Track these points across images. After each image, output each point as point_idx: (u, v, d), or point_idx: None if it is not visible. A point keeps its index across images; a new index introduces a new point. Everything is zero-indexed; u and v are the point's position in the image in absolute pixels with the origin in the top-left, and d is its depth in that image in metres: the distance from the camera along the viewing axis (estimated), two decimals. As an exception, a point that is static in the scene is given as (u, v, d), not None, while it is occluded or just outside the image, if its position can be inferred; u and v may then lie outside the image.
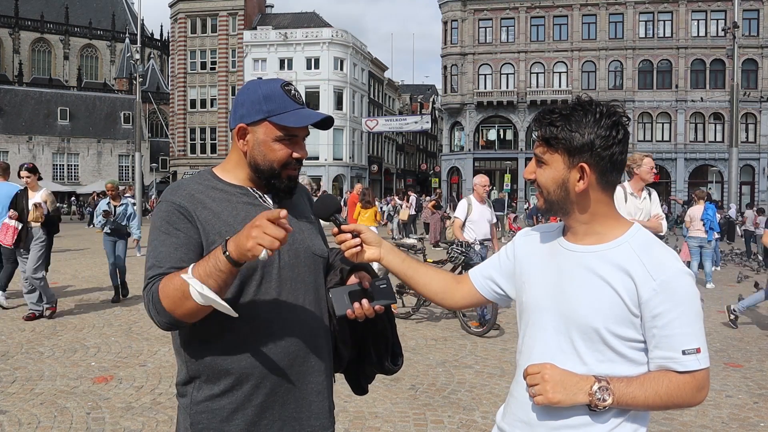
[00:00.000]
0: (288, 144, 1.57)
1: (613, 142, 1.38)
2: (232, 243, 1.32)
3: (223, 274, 1.33)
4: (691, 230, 11.05)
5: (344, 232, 1.58)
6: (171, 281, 1.39)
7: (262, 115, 1.55)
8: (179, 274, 1.37)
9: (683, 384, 1.34)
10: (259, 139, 1.56)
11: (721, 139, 41.88)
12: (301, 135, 1.60)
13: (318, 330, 1.63)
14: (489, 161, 47.12)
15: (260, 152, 1.57)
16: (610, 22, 44.29)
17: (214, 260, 1.33)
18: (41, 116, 59.17)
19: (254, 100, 1.56)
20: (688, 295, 1.34)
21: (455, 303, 1.72)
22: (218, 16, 54.06)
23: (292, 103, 1.56)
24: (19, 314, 7.75)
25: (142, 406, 4.53)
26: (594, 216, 1.44)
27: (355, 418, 4.31)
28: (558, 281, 1.45)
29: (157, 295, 1.40)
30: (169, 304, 1.38)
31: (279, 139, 1.56)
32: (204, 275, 1.33)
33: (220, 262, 1.32)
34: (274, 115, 1.54)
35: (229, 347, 1.50)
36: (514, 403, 1.53)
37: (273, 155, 1.56)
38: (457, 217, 7.58)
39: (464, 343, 6.61)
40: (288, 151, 1.57)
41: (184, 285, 1.33)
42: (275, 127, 1.55)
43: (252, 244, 1.27)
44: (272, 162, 1.57)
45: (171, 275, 1.41)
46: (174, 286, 1.37)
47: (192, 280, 1.32)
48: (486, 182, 7.79)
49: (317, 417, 1.63)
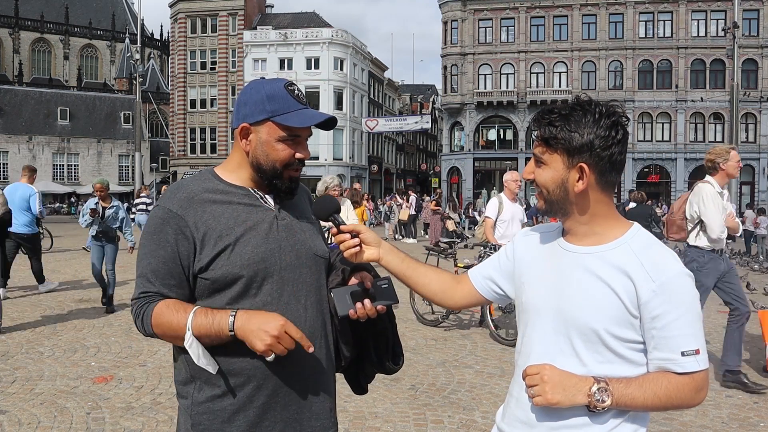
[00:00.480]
0: (291, 144, 1.57)
1: (612, 143, 1.38)
2: (240, 326, 1.42)
3: (220, 341, 1.46)
4: None
5: (343, 232, 1.58)
6: (168, 318, 1.48)
7: (265, 115, 1.54)
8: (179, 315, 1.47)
9: (682, 385, 1.34)
10: (262, 139, 1.56)
11: (721, 139, 41.83)
12: (304, 135, 1.60)
13: (320, 330, 1.63)
14: (489, 161, 47.14)
15: (263, 152, 1.57)
16: (610, 22, 44.30)
17: (218, 328, 1.44)
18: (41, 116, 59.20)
19: (257, 100, 1.55)
20: (687, 296, 1.34)
21: (455, 303, 1.72)
22: (218, 16, 54.06)
23: (296, 103, 1.55)
24: (19, 314, 7.76)
25: (142, 406, 4.53)
26: (593, 216, 1.43)
27: (355, 418, 4.31)
28: (557, 282, 1.45)
29: (149, 319, 1.50)
30: (160, 333, 1.51)
31: (282, 140, 1.55)
32: (203, 334, 1.44)
33: (223, 334, 1.44)
34: (277, 115, 1.54)
35: (231, 348, 1.50)
36: (513, 403, 1.53)
37: (276, 155, 1.56)
38: (488, 217, 6.97)
39: (464, 343, 6.61)
40: (291, 152, 1.57)
41: (179, 330, 1.45)
42: (279, 127, 1.55)
43: (263, 349, 1.40)
44: (275, 162, 1.56)
45: (169, 308, 1.49)
46: (170, 326, 1.47)
47: (192, 346, 1.44)
48: (518, 178, 7.10)
49: (318, 417, 1.63)
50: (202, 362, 1.42)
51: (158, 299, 1.50)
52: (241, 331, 1.41)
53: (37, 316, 7.71)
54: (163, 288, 1.50)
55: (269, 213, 1.59)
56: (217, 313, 1.43)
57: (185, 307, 1.47)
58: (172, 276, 1.50)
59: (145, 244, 1.53)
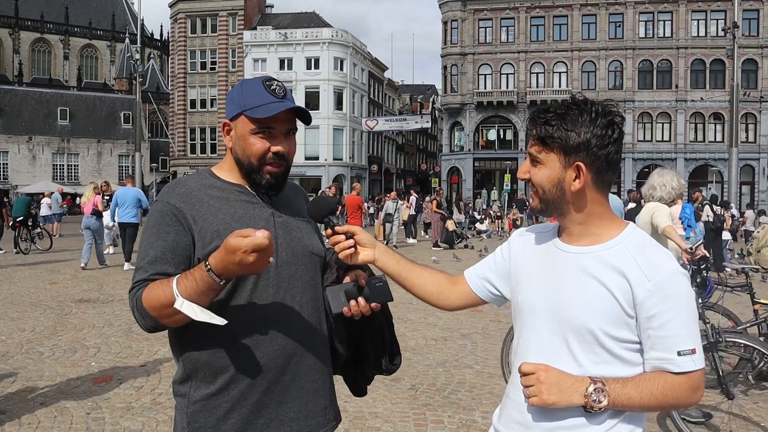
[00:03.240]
0: (266, 137, 1.56)
1: (608, 142, 1.38)
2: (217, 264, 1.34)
3: (215, 291, 1.38)
4: None
5: (338, 233, 1.57)
6: (154, 291, 1.42)
7: (239, 110, 1.57)
8: (164, 285, 1.40)
9: (678, 385, 1.34)
10: (238, 134, 1.58)
11: (721, 139, 41.88)
12: (279, 129, 1.57)
13: (315, 328, 1.64)
14: (489, 161, 47.15)
15: (240, 147, 1.58)
16: (610, 22, 44.30)
17: (201, 279, 1.35)
18: (41, 116, 59.14)
19: (236, 97, 1.59)
20: (683, 296, 1.35)
21: (451, 303, 1.72)
22: (218, 16, 54.05)
23: (269, 97, 1.54)
24: (19, 315, 7.76)
25: (142, 406, 4.54)
26: (589, 216, 1.44)
27: (355, 418, 4.32)
28: (553, 282, 1.45)
29: (141, 303, 1.44)
30: (154, 313, 1.43)
31: (254, 133, 1.56)
32: (193, 293, 1.36)
33: (210, 281, 1.35)
34: (248, 108, 1.55)
35: (226, 345, 1.51)
36: (510, 404, 1.53)
37: (250, 149, 1.57)
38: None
39: (464, 343, 6.62)
40: (266, 145, 1.56)
41: (169, 299, 1.37)
42: (249, 120, 1.55)
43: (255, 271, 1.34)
44: (250, 156, 1.57)
45: (155, 284, 1.43)
46: (158, 300, 1.40)
47: (184, 306, 1.35)
48: None
49: (314, 415, 1.64)
50: (203, 317, 1.36)
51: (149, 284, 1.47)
52: (230, 276, 1.36)
53: (37, 316, 7.72)
54: (157, 276, 1.47)
55: (266, 210, 1.61)
56: (194, 272, 1.38)
57: (169, 280, 1.42)
58: (170, 265, 1.48)
59: (145, 237, 1.54)
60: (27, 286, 10.07)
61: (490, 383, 5.20)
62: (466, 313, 8.04)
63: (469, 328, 7.32)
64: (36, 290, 9.66)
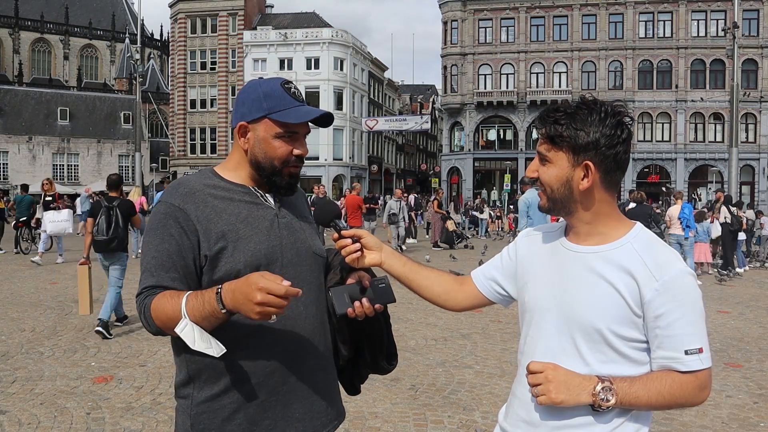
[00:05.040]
0: (288, 141, 1.58)
1: (617, 141, 1.38)
2: (229, 302, 1.35)
3: (220, 321, 1.39)
4: (671, 228, 12.06)
5: (344, 237, 1.58)
6: (163, 307, 1.43)
7: (262, 113, 1.56)
8: (174, 300, 1.42)
9: (686, 384, 1.34)
10: (259, 137, 1.57)
11: (721, 139, 41.88)
12: (302, 132, 1.61)
13: (319, 329, 1.64)
14: (489, 161, 47.15)
15: (261, 150, 1.58)
16: (610, 22, 44.30)
17: (210, 308, 1.37)
18: (41, 116, 59.11)
19: (254, 98, 1.57)
20: (690, 295, 1.35)
21: (458, 304, 1.71)
22: (218, 16, 54.06)
23: (292, 101, 1.57)
24: (19, 315, 7.76)
25: (142, 406, 4.53)
26: (597, 216, 1.44)
27: (355, 418, 4.31)
28: (560, 282, 1.45)
29: (149, 311, 1.46)
30: (162, 325, 1.46)
31: (279, 136, 1.57)
32: (199, 317, 1.38)
33: (217, 313, 1.37)
34: (274, 112, 1.55)
35: (231, 346, 1.50)
36: (516, 402, 1.53)
37: (273, 152, 1.57)
38: None
39: (464, 343, 6.61)
40: (288, 148, 1.58)
41: (175, 312, 1.40)
42: (275, 124, 1.56)
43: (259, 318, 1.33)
44: (273, 159, 1.58)
45: (165, 296, 1.44)
46: (166, 314, 1.42)
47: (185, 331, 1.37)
48: None
49: (318, 416, 1.64)
50: (200, 346, 1.36)
51: (159, 292, 1.48)
52: (232, 307, 1.35)
53: (37, 316, 7.71)
54: (165, 281, 1.48)
55: (270, 211, 1.60)
56: (206, 293, 1.39)
57: (180, 294, 1.43)
58: (176, 269, 1.49)
59: (149, 239, 1.53)
60: (27, 286, 10.06)
61: (490, 383, 5.19)
62: (466, 313, 8.03)
63: (469, 328, 7.31)
64: (36, 290, 9.66)
